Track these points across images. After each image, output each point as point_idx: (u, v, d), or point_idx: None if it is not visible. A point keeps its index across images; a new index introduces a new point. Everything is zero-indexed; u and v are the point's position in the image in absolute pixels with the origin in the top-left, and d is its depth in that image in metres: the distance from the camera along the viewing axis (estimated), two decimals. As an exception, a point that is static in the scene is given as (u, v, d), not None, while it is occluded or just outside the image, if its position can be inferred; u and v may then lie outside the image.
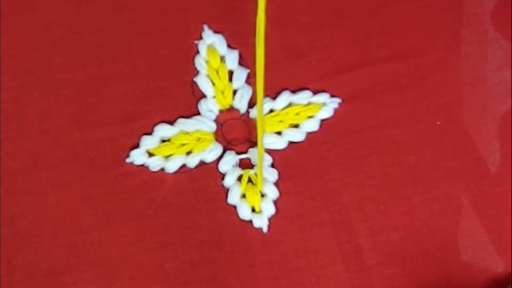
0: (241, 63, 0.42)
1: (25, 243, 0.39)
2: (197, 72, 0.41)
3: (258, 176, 0.39)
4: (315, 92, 0.41)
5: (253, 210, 0.40)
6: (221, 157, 0.40)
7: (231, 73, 0.41)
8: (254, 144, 0.41)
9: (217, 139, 0.41)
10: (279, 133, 0.41)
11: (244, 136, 0.41)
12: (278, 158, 0.41)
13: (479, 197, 0.41)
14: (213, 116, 0.41)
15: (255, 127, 0.39)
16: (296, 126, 0.41)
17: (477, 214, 0.41)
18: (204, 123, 0.41)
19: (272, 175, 0.40)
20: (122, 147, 0.40)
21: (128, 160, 0.40)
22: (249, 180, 0.40)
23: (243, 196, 0.40)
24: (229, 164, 0.40)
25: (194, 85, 0.41)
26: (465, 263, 0.40)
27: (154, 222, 0.40)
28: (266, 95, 0.41)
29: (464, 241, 0.40)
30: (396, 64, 0.42)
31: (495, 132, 0.42)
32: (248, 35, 0.41)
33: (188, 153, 0.40)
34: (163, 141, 0.41)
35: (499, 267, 0.40)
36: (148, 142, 0.40)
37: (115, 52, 0.42)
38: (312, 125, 0.41)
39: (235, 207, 0.40)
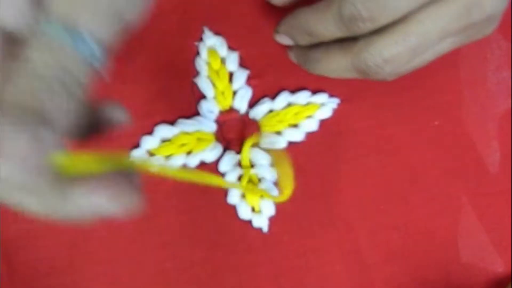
0: (241, 64, 0.42)
1: (25, 243, 0.39)
2: (197, 73, 0.41)
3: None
4: (314, 92, 0.41)
5: (253, 210, 0.40)
6: (221, 157, 0.41)
7: (231, 74, 0.41)
8: (254, 144, 0.41)
9: (217, 139, 0.41)
10: (278, 133, 0.41)
11: (243, 136, 0.41)
12: (278, 158, 0.41)
13: (478, 197, 0.41)
14: (213, 117, 0.41)
15: (256, 127, 0.40)
16: (295, 126, 0.41)
17: (476, 214, 0.41)
18: (205, 123, 0.41)
19: (272, 174, 0.40)
20: (122, 147, 0.40)
21: (128, 160, 0.40)
22: (249, 180, 0.40)
23: (243, 196, 0.40)
24: (229, 163, 0.40)
25: (195, 86, 0.41)
26: (465, 263, 0.40)
27: (154, 222, 0.40)
28: (265, 95, 0.41)
29: (464, 241, 0.40)
30: (395, 64, 0.42)
31: (495, 132, 0.42)
32: (249, 37, 0.41)
33: (188, 153, 0.40)
34: (164, 141, 0.41)
35: (499, 267, 0.40)
36: (148, 142, 0.40)
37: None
38: (311, 125, 0.41)
39: (235, 207, 0.40)
